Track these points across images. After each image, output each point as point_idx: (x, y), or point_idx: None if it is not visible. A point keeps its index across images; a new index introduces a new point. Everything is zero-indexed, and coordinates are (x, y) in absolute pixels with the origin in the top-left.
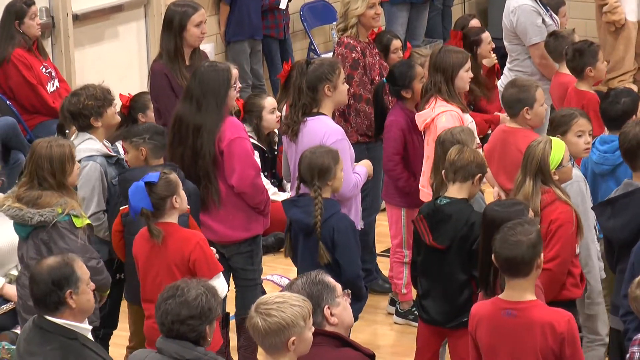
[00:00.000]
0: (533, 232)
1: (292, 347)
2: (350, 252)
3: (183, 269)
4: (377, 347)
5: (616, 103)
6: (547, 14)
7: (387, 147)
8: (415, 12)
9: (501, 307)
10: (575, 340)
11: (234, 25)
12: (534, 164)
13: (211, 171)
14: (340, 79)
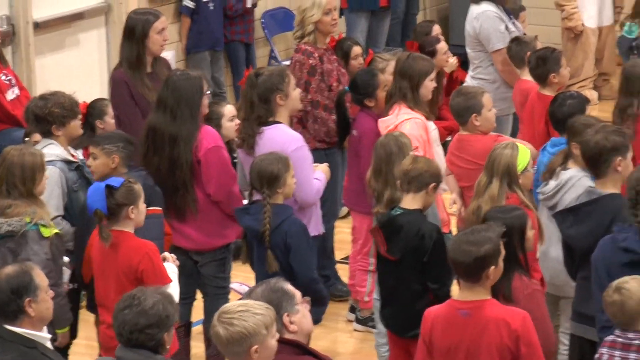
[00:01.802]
0: (488, 245)
1: (255, 355)
2: (303, 255)
3: (131, 278)
4: (337, 355)
5: (562, 106)
6: (510, 21)
7: (367, 157)
8: (376, 20)
9: (456, 308)
10: (531, 339)
11: (195, 37)
12: (502, 167)
13: (188, 180)
14: (291, 86)
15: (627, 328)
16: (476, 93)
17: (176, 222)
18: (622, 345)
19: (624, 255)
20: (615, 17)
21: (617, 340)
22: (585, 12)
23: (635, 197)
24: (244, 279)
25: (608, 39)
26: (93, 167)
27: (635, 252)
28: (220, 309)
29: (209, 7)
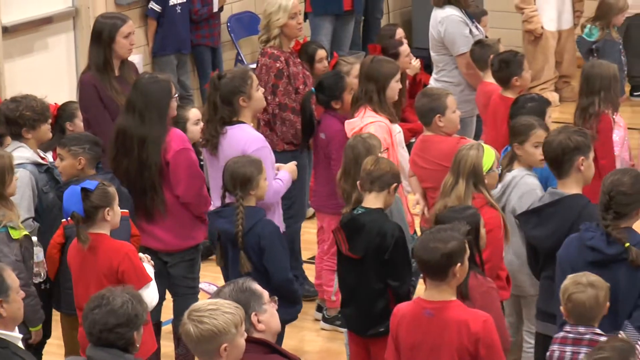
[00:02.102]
0: (454, 242)
1: (224, 353)
2: (277, 256)
3: (112, 279)
4: (304, 353)
5: (522, 108)
6: (473, 24)
7: (337, 157)
8: (340, 24)
9: (421, 307)
10: (492, 342)
11: (161, 40)
12: (468, 167)
13: (157, 182)
14: (254, 88)
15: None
16: (440, 95)
17: (145, 223)
18: (574, 340)
19: (589, 254)
20: (574, 20)
21: (568, 336)
22: (545, 15)
23: (608, 202)
24: (212, 279)
25: (568, 42)
26: (60, 168)
27: (601, 252)
28: (191, 307)
29: (176, 10)
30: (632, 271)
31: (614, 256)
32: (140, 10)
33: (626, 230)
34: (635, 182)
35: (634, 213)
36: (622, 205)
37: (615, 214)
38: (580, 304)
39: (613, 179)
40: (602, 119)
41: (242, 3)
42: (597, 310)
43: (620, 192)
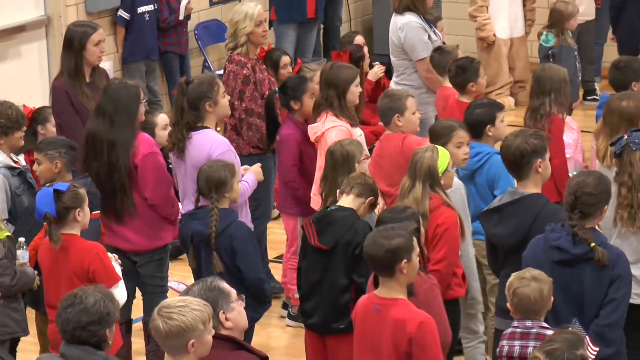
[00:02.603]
0: (399, 238)
1: (192, 349)
2: (250, 257)
3: (83, 278)
4: (271, 349)
5: (471, 113)
6: (431, 30)
7: (285, 160)
8: (303, 31)
9: (372, 301)
10: (426, 343)
11: (130, 47)
12: (424, 169)
13: (126, 184)
14: (220, 94)
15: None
16: (401, 96)
17: (115, 224)
18: (521, 334)
19: (556, 254)
20: (526, 29)
21: (516, 331)
22: (497, 23)
23: (573, 202)
24: (182, 278)
25: (520, 50)
26: (38, 172)
27: (567, 252)
28: (160, 303)
29: (144, 18)
30: (598, 271)
31: (580, 256)
32: (110, 18)
33: (591, 231)
34: (599, 183)
35: (598, 213)
36: (587, 205)
37: (580, 214)
38: (525, 298)
39: (578, 181)
40: (553, 120)
41: (209, 11)
42: (541, 303)
43: (586, 192)
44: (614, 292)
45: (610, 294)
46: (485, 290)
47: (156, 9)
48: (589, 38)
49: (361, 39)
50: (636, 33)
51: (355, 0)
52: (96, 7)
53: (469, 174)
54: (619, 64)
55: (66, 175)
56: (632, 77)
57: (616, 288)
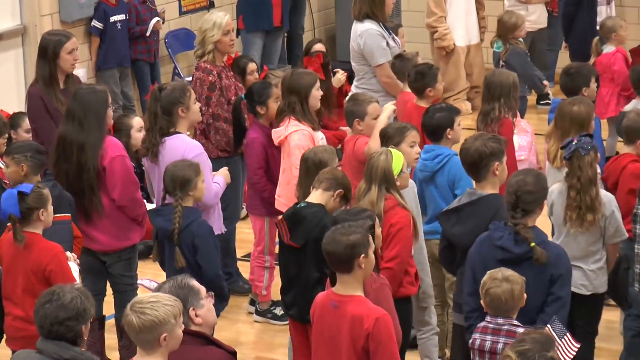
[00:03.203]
0: (356, 234)
1: (163, 342)
2: (210, 254)
3: (39, 277)
4: (239, 344)
5: (432, 118)
6: (390, 37)
7: (251, 162)
8: (269, 39)
9: (330, 298)
10: (382, 339)
11: (104, 55)
12: (379, 173)
13: (94, 184)
14: (192, 100)
15: (498, 314)
16: (364, 101)
17: (85, 225)
18: (493, 330)
19: (499, 253)
20: (481, 36)
21: (488, 326)
22: (456, 32)
23: (515, 201)
24: (153, 276)
25: (476, 56)
26: (7, 175)
27: (509, 251)
28: (133, 299)
29: (116, 27)
30: (538, 269)
31: (522, 255)
32: (84, 28)
33: (532, 230)
34: (537, 181)
35: (537, 209)
36: (528, 203)
37: (523, 212)
38: (497, 298)
39: (517, 180)
40: (503, 123)
41: (178, 20)
42: (512, 303)
43: (526, 191)
44: (558, 290)
45: (555, 292)
46: (444, 287)
47: (127, 19)
48: (541, 45)
49: (321, 46)
50: (587, 40)
51: (318, 10)
52: (70, 17)
53: (429, 175)
54: (570, 71)
55: (33, 178)
56: (583, 83)
57: (560, 286)
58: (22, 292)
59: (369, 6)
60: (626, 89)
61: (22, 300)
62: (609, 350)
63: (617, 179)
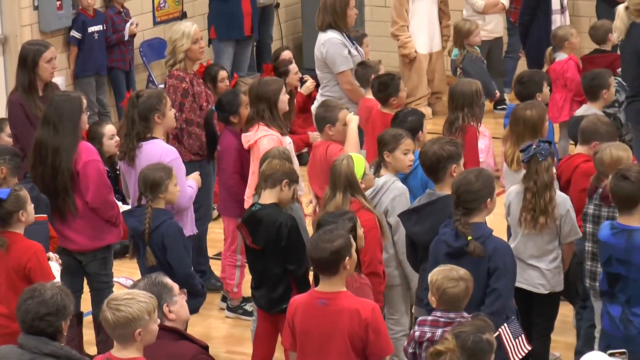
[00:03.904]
0: (339, 239)
1: (138, 337)
2: (179, 254)
3: (20, 275)
4: (211, 338)
5: (404, 122)
6: (352, 47)
7: (227, 167)
8: (240, 48)
9: (315, 297)
10: (379, 327)
11: (82, 63)
12: (343, 179)
13: (69, 186)
14: (167, 107)
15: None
16: (335, 107)
17: (61, 226)
18: (445, 323)
19: (444, 247)
20: (443, 44)
21: (439, 319)
22: (418, 40)
23: (457, 200)
24: (129, 274)
25: (438, 63)
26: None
27: (450, 245)
28: (110, 296)
29: (94, 37)
30: (476, 262)
31: (460, 249)
32: (63, 37)
33: (476, 225)
34: (477, 180)
35: (482, 207)
36: (469, 201)
37: (464, 209)
38: (455, 296)
39: (459, 179)
40: (467, 131)
41: (152, 30)
42: (466, 299)
43: (466, 190)
44: (495, 283)
45: (492, 285)
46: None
47: (104, 29)
48: (498, 53)
49: (288, 54)
50: (543, 48)
51: (286, 20)
52: (49, 27)
53: (402, 177)
54: (522, 79)
55: (11, 181)
56: (535, 90)
57: (496, 279)
58: (5, 290)
59: (332, 17)
60: (578, 95)
61: (6, 298)
62: (564, 343)
63: (570, 177)
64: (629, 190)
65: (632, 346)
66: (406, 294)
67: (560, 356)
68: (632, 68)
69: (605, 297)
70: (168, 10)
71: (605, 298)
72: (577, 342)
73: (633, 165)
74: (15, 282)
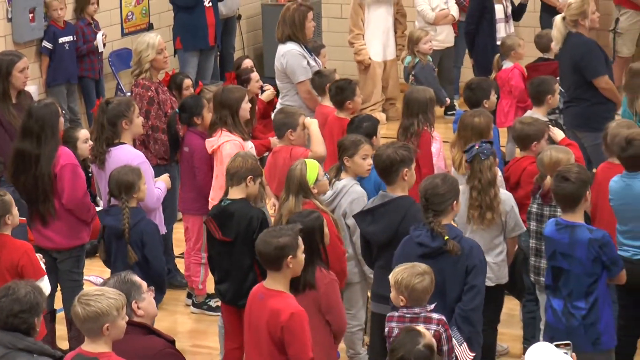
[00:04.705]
0: (285, 237)
1: (106, 332)
2: (157, 249)
3: (13, 273)
4: (177, 333)
5: (359, 127)
6: (311, 57)
7: (200, 166)
8: (204, 58)
9: (259, 291)
10: (296, 332)
11: (53, 73)
12: (296, 183)
13: (49, 190)
14: (135, 114)
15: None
16: (294, 113)
17: (40, 226)
18: (411, 319)
19: (419, 249)
20: (397, 52)
21: (405, 315)
22: (372, 49)
23: (426, 203)
24: (99, 273)
25: (392, 70)
26: None
27: (427, 246)
28: (81, 292)
29: (64, 47)
30: (454, 260)
31: (438, 248)
32: (36, 48)
33: (447, 226)
34: (443, 183)
35: (449, 208)
36: (437, 204)
37: (433, 212)
38: (423, 291)
39: (426, 184)
40: (422, 136)
41: (121, 41)
42: (430, 292)
43: (434, 194)
44: (473, 280)
45: (470, 282)
46: None
47: (74, 40)
48: (449, 62)
49: (249, 62)
50: (488, 56)
51: (247, 31)
52: (22, 38)
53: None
54: (471, 85)
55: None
56: (483, 96)
57: (474, 276)
58: None
59: (291, 29)
60: (523, 101)
61: None
62: (510, 335)
63: (518, 179)
64: (570, 191)
65: (574, 338)
66: (364, 291)
67: (507, 347)
68: (568, 75)
69: (548, 291)
70: (135, 22)
71: (549, 292)
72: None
73: (572, 167)
74: (8, 281)
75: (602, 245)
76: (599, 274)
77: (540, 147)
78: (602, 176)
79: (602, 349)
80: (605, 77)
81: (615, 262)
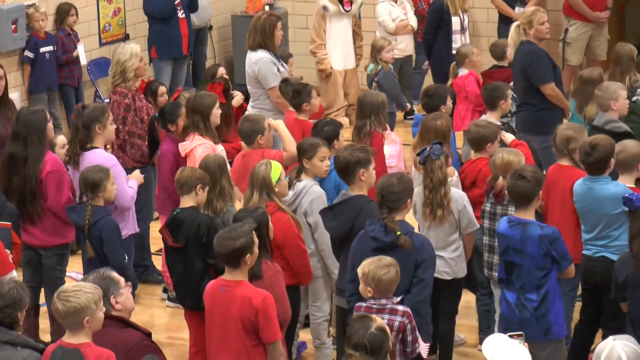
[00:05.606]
0: (242, 239)
1: (86, 325)
2: (115, 246)
3: None
4: (153, 326)
5: (321, 131)
6: (280, 64)
7: (165, 170)
8: (178, 65)
9: (219, 284)
10: (269, 315)
11: (35, 80)
12: (260, 181)
13: (36, 192)
14: (109, 121)
15: (382, 296)
16: (260, 119)
17: (29, 225)
18: (377, 310)
19: (373, 243)
20: (357, 62)
21: (372, 306)
22: (334, 58)
23: (381, 200)
24: (80, 269)
25: (353, 78)
26: None
27: (380, 240)
28: (59, 289)
29: (45, 57)
30: (405, 254)
31: (390, 243)
32: (18, 57)
33: (400, 222)
34: (399, 183)
35: (403, 206)
36: (392, 201)
37: (388, 209)
38: (389, 282)
39: (382, 182)
40: (374, 136)
41: (99, 50)
42: (396, 284)
43: (389, 191)
44: (422, 273)
45: (419, 275)
46: None
47: (54, 49)
48: (408, 69)
49: (223, 70)
50: (444, 63)
51: (218, 40)
52: (5, 48)
53: (319, 180)
54: (429, 92)
55: None
56: (440, 102)
57: (423, 270)
58: None
59: (261, 37)
60: (478, 106)
61: None
62: (467, 326)
63: (474, 179)
64: (525, 189)
65: (526, 329)
66: (327, 284)
67: (464, 338)
68: (519, 81)
69: (502, 284)
70: (112, 32)
71: (503, 285)
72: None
73: (528, 166)
74: None
75: (552, 241)
76: (549, 268)
77: (494, 148)
78: (552, 177)
79: (552, 338)
80: (551, 84)
81: (564, 256)
